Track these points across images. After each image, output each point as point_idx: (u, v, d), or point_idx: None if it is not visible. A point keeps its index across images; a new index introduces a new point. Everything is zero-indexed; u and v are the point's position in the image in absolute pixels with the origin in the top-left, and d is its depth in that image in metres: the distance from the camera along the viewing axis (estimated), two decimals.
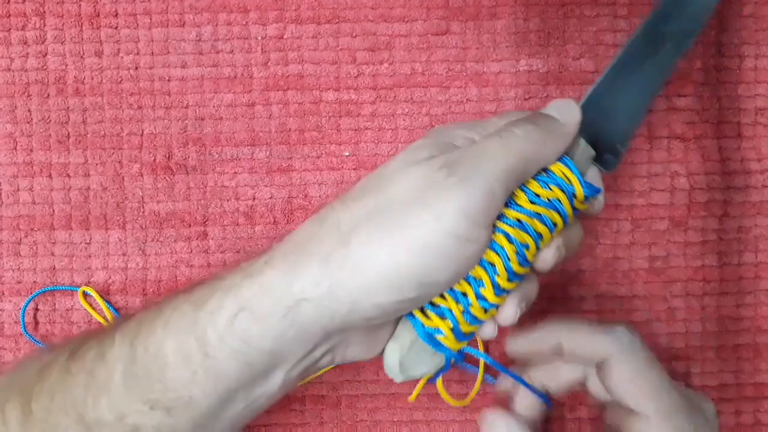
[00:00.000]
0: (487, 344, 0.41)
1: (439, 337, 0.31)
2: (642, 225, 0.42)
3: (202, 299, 0.30)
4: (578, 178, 0.32)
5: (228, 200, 0.42)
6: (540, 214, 0.31)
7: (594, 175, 0.35)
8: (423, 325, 0.31)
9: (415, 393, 0.39)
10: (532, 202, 0.31)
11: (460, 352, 0.32)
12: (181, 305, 0.31)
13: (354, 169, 0.42)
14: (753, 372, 0.42)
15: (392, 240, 0.29)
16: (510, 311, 0.32)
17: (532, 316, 0.41)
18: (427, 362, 0.32)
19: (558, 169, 0.32)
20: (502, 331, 0.33)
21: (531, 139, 0.31)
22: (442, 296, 0.31)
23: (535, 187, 0.31)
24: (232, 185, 0.42)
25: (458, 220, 0.29)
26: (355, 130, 0.42)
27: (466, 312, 0.31)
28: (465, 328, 0.31)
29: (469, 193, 0.29)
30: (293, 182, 0.42)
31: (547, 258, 0.32)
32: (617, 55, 0.36)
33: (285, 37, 0.41)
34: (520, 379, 0.35)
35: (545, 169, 0.32)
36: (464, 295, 0.31)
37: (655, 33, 0.36)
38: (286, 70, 0.41)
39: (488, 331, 0.32)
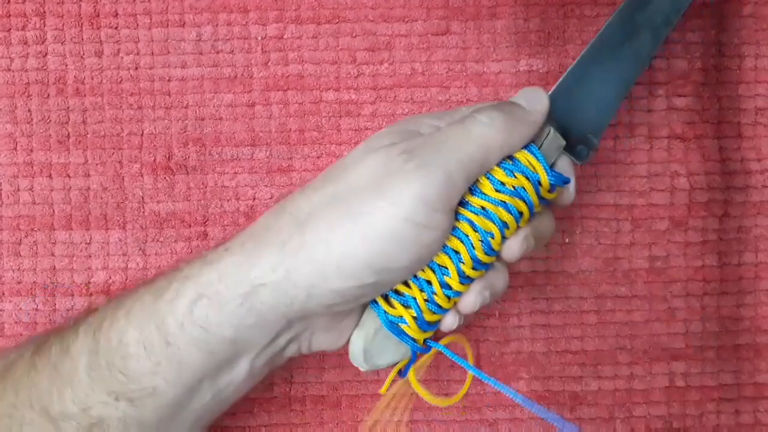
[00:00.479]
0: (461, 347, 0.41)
1: (403, 326, 0.31)
2: (642, 225, 0.42)
3: (162, 288, 0.31)
4: (544, 166, 0.31)
5: (228, 200, 0.42)
6: (505, 202, 0.31)
7: (564, 165, 0.34)
8: (386, 314, 0.31)
9: (385, 385, 0.39)
10: (496, 190, 0.31)
11: (426, 344, 0.32)
12: (142, 296, 0.31)
13: None
14: (753, 372, 0.42)
15: (347, 226, 0.29)
16: (471, 298, 0.31)
17: (533, 315, 0.42)
18: (392, 351, 0.32)
19: (524, 157, 0.31)
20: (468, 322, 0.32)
21: (494, 126, 0.30)
22: (406, 284, 0.31)
23: (500, 174, 0.31)
24: (233, 185, 0.42)
25: (415, 205, 0.28)
26: (356, 130, 0.42)
27: (430, 301, 0.31)
28: (429, 317, 0.31)
29: (426, 179, 0.29)
30: (293, 182, 0.42)
31: (514, 247, 0.32)
32: (590, 43, 0.35)
33: (285, 37, 0.41)
34: (504, 387, 0.33)
35: (511, 157, 0.31)
36: (429, 283, 0.31)
37: (630, 21, 0.35)
38: (286, 70, 0.41)
39: (449, 321, 0.32)
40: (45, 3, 0.41)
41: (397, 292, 0.31)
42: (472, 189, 0.31)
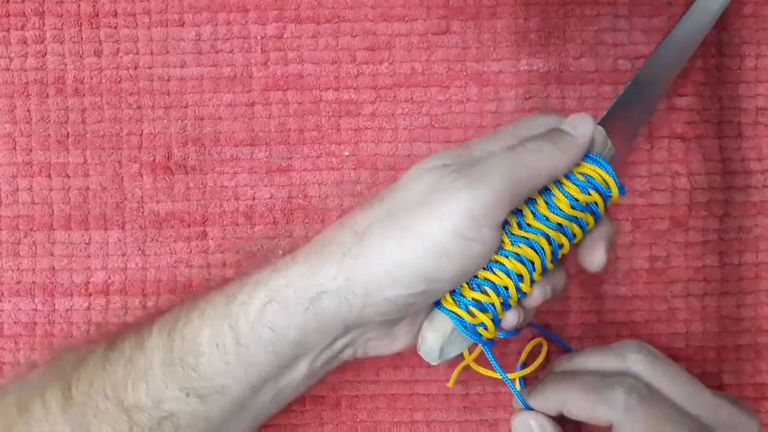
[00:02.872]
0: None
1: (481, 330, 0.33)
2: (643, 225, 0.42)
3: (234, 292, 0.33)
4: (616, 182, 0.34)
5: (227, 200, 0.41)
6: (578, 218, 0.33)
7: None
8: (468, 322, 0.33)
9: (452, 379, 0.41)
10: (572, 207, 0.33)
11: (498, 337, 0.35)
12: (214, 299, 0.34)
13: (354, 169, 0.41)
14: (754, 372, 0.42)
15: (399, 238, 0.31)
16: (536, 294, 0.34)
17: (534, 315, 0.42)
18: (460, 345, 0.34)
19: (596, 173, 0.34)
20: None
21: (543, 154, 0.32)
22: (483, 292, 0.33)
23: (574, 191, 0.33)
24: (232, 185, 0.41)
25: (462, 220, 0.30)
26: (355, 129, 0.41)
27: (504, 303, 0.33)
28: (501, 315, 0.34)
29: (473, 196, 0.31)
30: (293, 182, 0.41)
31: (600, 258, 0.34)
32: (642, 67, 0.38)
33: (285, 36, 0.41)
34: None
35: (584, 174, 0.34)
36: (506, 288, 0.33)
37: (674, 50, 0.38)
38: (285, 70, 0.41)
39: (511, 319, 0.34)
40: (44, 2, 0.41)
41: (474, 300, 0.33)
42: (549, 204, 0.33)
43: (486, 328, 0.33)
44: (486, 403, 0.41)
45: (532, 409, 0.35)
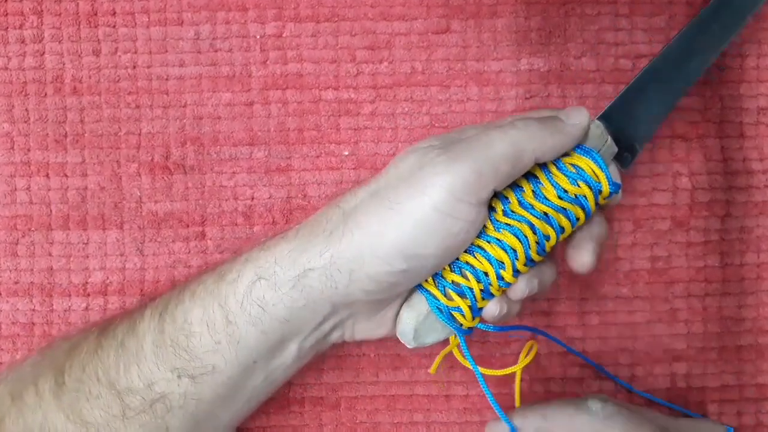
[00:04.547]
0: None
1: (457, 314, 0.33)
2: (644, 225, 0.41)
3: (224, 271, 0.34)
4: (606, 175, 0.33)
5: (226, 200, 0.41)
6: (565, 209, 0.33)
7: (614, 172, 0.36)
8: (437, 300, 0.33)
9: (434, 365, 0.40)
10: (559, 197, 0.33)
11: (477, 328, 0.35)
12: (205, 280, 0.34)
13: (353, 168, 0.41)
14: (755, 373, 0.41)
15: (382, 214, 0.31)
16: (520, 286, 0.33)
17: (534, 316, 0.41)
18: (438, 331, 0.34)
19: (587, 165, 0.33)
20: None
21: (528, 131, 0.32)
22: (463, 275, 0.33)
23: (563, 182, 0.33)
24: (231, 185, 0.41)
25: (442, 195, 0.30)
26: (355, 129, 0.41)
27: (485, 290, 0.33)
28: (480, 304, 0.33)
29: (454, 171, 0.31)
30: (292, 182, 0.41)
31: (586, 256, 0.34)
32: (649, 63, 0.37)
33: (284, 35, 0.41)
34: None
35: (574, 165, 0.33)
36: (486, 274, 0.32)
37: (688, 47, 0.37)
38: (284, 69, 0.41)
39: (491, 309, 0.33)
40: (42, 1, 0.41)
41: (453, 283, 0.33)
42: (536, 194, 0.33)
43: (462, 314, 0.33)
44: (486, 404, 0.41)
45: (499, 408, 0.36)
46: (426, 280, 0.33)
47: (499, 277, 0.32)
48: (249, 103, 0.41)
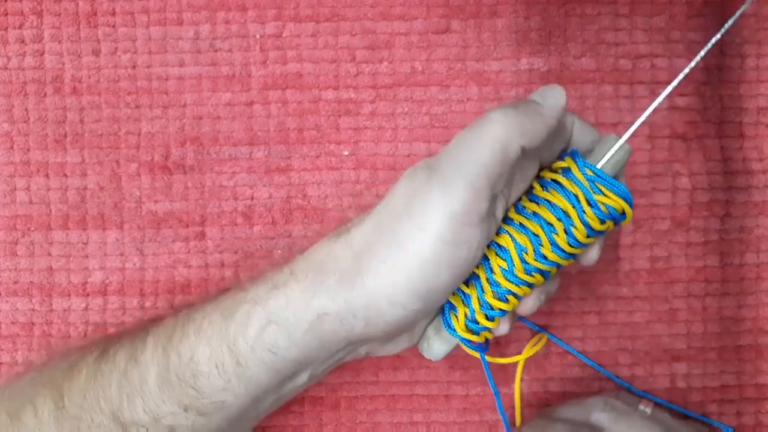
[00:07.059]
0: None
1: (486, 334, 0.34)
2: (643, 225, 0.41)
3: (230, 309, 0.32)
4: (630, 205, 0.32)
5: (226, 200, 0.41)
6: (585, 243, 0.33)
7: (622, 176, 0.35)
8: (471, 344, 0.34)
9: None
10: (588, 236, 0.32)
11: (486, 342, 0.35)
12: (210, 314, 0.33)
13: (353, 168, 0.41)
14: (755, 373, 0.41)
15: (390, 258, 0.30)
16: (531, 303, 0.33)
17: (534, 316, 0.41)
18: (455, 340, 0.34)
19: (618, 204, 0.32)
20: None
21: (506, 121, 0.30)
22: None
23: (594, 222, 0.32)
24: (230, 185, 0.41)
25: (443, 225, 0.29)
26: (355, 129, 0.41)
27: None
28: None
29: (450, 196, 0.29)
30: (292, 182, 0.41)
31: (593, 254, 0.34)
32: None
33: (284, 35, 0.41)
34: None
35: (607, 205, 0.32)
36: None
37: None
38: (284, 69, 0.41)
39: (503, 329, 0.34)
40: (42, 1, 0.41)
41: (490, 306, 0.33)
42: (568, 233, 0.32)
43: (488, 341, 0.34)
44: (486, 404, 0.41)
45: (501, 404, 0.36)
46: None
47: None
48: (249, 103, 0.41)
